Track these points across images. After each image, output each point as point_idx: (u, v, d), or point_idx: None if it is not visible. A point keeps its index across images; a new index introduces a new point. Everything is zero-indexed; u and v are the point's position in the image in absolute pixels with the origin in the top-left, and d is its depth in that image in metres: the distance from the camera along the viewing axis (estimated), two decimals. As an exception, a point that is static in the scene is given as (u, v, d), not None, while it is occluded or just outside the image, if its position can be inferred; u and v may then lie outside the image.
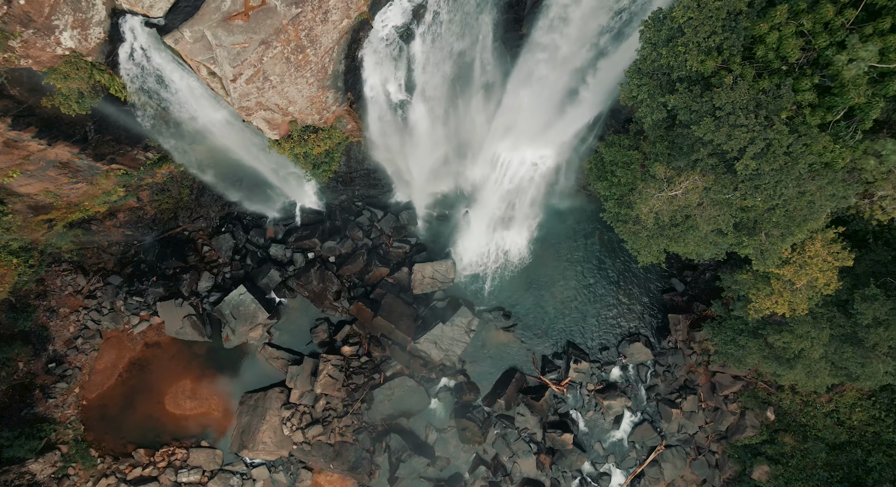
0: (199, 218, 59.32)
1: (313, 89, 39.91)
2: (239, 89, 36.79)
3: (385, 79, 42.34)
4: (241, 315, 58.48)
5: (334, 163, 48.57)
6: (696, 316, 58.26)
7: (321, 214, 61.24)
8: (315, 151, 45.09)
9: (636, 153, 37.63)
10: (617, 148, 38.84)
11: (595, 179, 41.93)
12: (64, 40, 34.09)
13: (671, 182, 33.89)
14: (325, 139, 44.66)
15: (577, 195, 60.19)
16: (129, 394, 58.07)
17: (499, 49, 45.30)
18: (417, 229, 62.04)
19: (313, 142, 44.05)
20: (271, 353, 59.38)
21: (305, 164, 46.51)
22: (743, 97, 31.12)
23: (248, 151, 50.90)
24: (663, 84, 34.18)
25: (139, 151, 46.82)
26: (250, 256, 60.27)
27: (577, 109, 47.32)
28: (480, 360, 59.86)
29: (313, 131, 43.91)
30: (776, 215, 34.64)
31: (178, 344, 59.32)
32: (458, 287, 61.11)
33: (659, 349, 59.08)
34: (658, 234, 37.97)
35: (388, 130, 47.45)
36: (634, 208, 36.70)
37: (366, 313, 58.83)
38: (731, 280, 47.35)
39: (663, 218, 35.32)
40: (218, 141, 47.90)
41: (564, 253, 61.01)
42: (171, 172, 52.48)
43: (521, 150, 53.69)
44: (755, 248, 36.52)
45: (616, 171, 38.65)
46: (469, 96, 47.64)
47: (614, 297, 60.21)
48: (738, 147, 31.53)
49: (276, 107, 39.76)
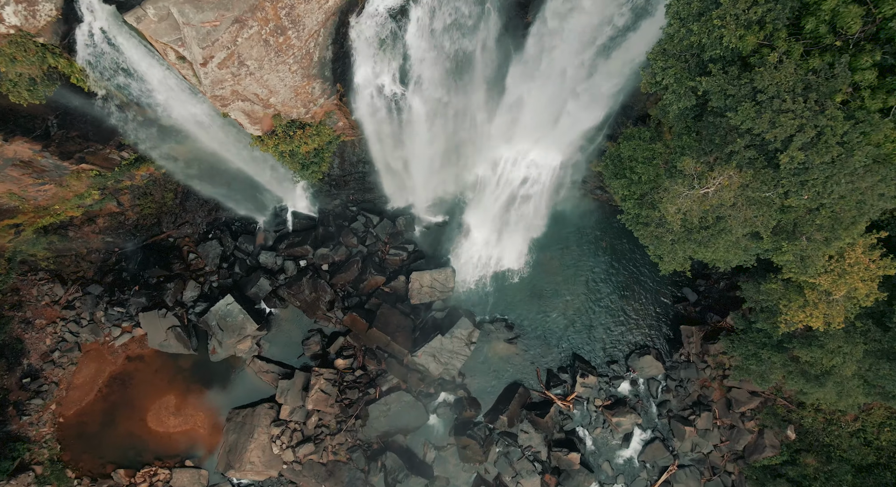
0: (184, 224, 53.47)
1: (297, 78, 34.09)
2: (211, 75, 30.98)
3: (377, 69, 36.57)
4: (228, 327, 52.55)
5: (324, 163, 42.65)
6: (710, 328, 52.28)
7: (314, 219, 55.36)
8: (302, 150, 39.24)
9: (659, 147, 31.81)
10: (637, 142, 33.00)
11: (611, 178, 36.04)
12: (7, 16, 28.19)
13: (702, 178, 28.00)
14: (314, 136, 38.78)
15: (584, 199, 54.33)
16: (109, 411, 52.01)
17: (501, 39, 39.59)
18: (415, 235, 56.13)
19: (300, 139, 38.20)
20: (261, 366, 53.43)
21: (292, 163, 40.66)
22: (789, 78, 25.32)
23: (234, 151, 45.17)
24: (692, 66, 28.35)
25: (112, 150, 40.95)
26: (239, 263, 54.39)
27: (585, 106, 41.61)
28: (482, 374, 53.86)
29: (299, 127, 38.04)
30: (820, 217, 28.79)
31: (162, 357, 53.33)
32: (457, 297, 55.18)
33: (671, 363, 53.08)
34: (685, 238, 31.96)
35: (382, 127, 41.60)
36: (658, 209, 30.93)
37: (360, 324, 52.91)
38: (755, 290, 41.41)
39: (692, 220, 29.38)
40: (200, 140, 42.17)
41: (570, 260, 55.10)
42: (152, 174, 46.65)
43: (525, 151, 47.98)
44: (795, 254, 30.56)
45: (636, 167, 32.79)
46: (469, 92, 41.76)
47: (623, 307, 54.24)
48: (783, 136, 25.69)
49: (256, 97, 33.93)
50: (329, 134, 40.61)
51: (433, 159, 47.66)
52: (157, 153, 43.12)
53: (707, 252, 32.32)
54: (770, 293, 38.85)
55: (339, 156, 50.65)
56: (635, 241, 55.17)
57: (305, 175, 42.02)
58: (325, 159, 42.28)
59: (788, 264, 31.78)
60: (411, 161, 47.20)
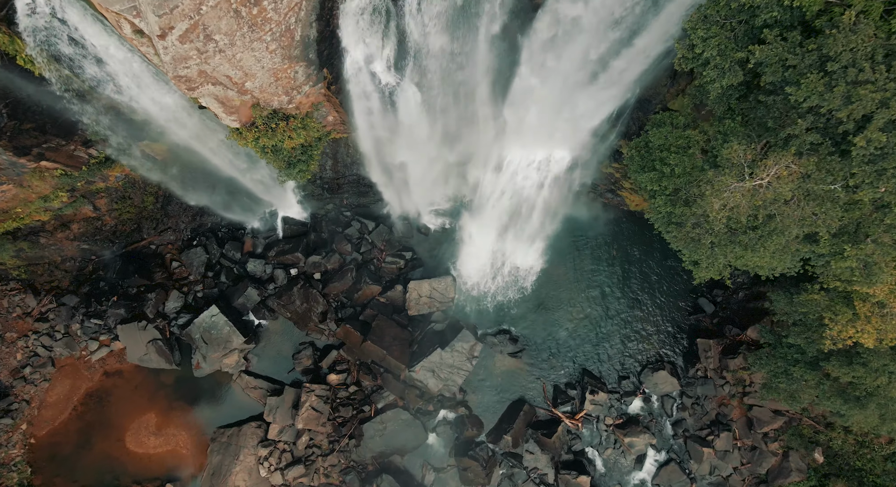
0: (166, 230, 47.32)
1: (277, 60, 28.14)
2: (171, 50, 25.05)
3: (369, 53, 30.68)
4: (213, 340, 46.32)
5: (313, 162, 36.56)
6: (728, 341, 46.03)
7: (306, 225, 49.22)
8: (287, 145, 33.18)
9: (695, 134, 25.79)
10: (668, 128, 26.96)
11: (638, 171, 29.86)
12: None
13: (754, 168, 22.08)
14: (299, 130, 32.74)
15: (594, 203, 48.29)
16: (84, 430, 45.61)
17: (508, 23, 33.79)
18: (413, 242, 49.93)
19: (283, 132, 32.15)
20: (248, 382, 47.15)
21: (276, 160, 34.58)
22: (867, 43, 19.44)
23: (218, 150, 39.36)
24: (740, 35, 22.44)
25: (77, 147, 34.94)
26: (225, 272, 48.20)
27: (598, 100, 35.73)
28: (484, 390, 47.54)
29: (282, 119, 31.98)
30: (891, 216, 22.88)
31: (143, 373, 47.03)
32: (458, 308, 48.99)
33: (686, 379, 46.81)
34: (727, 240, 25.75)
35: (375, 122, 35.67)
36: (695, 206, 24.93)
37: (354, 336, 46.72)
38: (786, 302, 35.34)
39: (739, 218, 23.37)
40: (178, 136, 36.30)
41: (578, 269, 48.90)
42: (128, 175, 40.64)
43: (531, 149, 42.05)
44: (859, 260, 24.49)
45: (668, 158, 26.72)
46: (471, 83, 35.95)
47: (634, 319, 47.99)
48: (860, 114, 19.76)
49: (229, 80, 27.95)
50: (317, 129, 34.59)
51: (432, 160, 41.70)
52: (130, 152, 37.15)
53: (752, 257, 26.08)
54: (807, 305, 32.71)
55: (332, 157, 44.74)
56: (647, 247, 49.47)
57: (292, 174, 35.95)
58: (314, 158, 36.21)
59: (846, 273, 25.62)
60: (408, 161, 41.15)
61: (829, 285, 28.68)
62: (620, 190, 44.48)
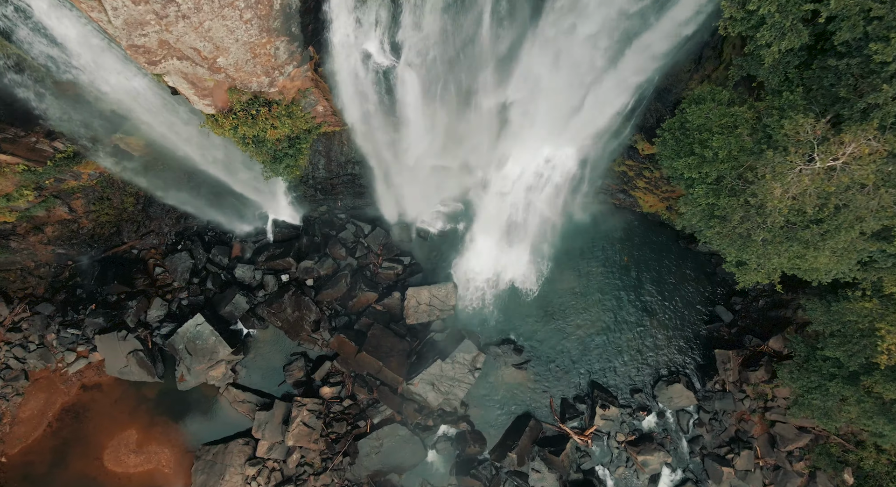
0: (149, 233, 42.21)
1: (253, 32, 23.23)
2: (123, 12, 20.12)
3: (361, 29, 25.82)
4: (197, 350, 41.15)
5: (302, 156, 31.50)
6: (748, 352, 40.90)
7: (297, 228, 44.14)
8: (271, 135, 28.15)
9: (743, 110, 20.71)
10: (710, 105, 21.85)
11: (671, 157, 24.68)
12: None
13: (826, 145, 17.11)
14: (284, 118, 27.71)
15: (603, 205, 43.31)
16: (59, 448, 40.26)
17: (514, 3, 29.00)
18: (412, 246, 44.81)
19: (265, 120, 27.13)
20: (236, 395, 41.90)
21: (259, 153, 29.53)
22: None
23: (202, 145, 34.48)
24: (807, -15, 17.75)
25: (39, 139, 29.93)
26: (212, 278, 43.06)
27: (610, 91, 30.91)
28: (487, 404, 42.26)
29: (264, 104, 27.04)
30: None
31: (123, 386, 41.77)
32: (460, 316, 43.82)
33: (703, 392, 41.58)
34: (784, 236, 20.69)
35: (370, 112, 30.69)
36: (744, 195, 19.93)
37: (348, 347, 41.55)
38: (823, 310, 30.28)
39: (804, 207, 18.33)
40: (154, 129, 31.37)
41: (587, 274, 43.80)
42: (104, 173, 35.68)
43: (537, 147, 37.20)
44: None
45: (709, 140, 21.58)
46: (474, 70, 31.05)
47: (647, 328, 42.82)
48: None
49: (197, 54, 23.03)
50: (306, 119, 29.60)
51: (432, 156, 36.79)
52: (102, 146, 32.18)
53: (813, 257, 20.96)
54: (852, 313, 27.66)
55: (325, 155, 39.79)
56: (661, 252, 44.31)
57: (278, 170, 30.92)
58: (303, 152, 31.16)
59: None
60: (406, 158, 36.21)
61: (887, 290, 23.63)
62: (633, 190, 39.52)
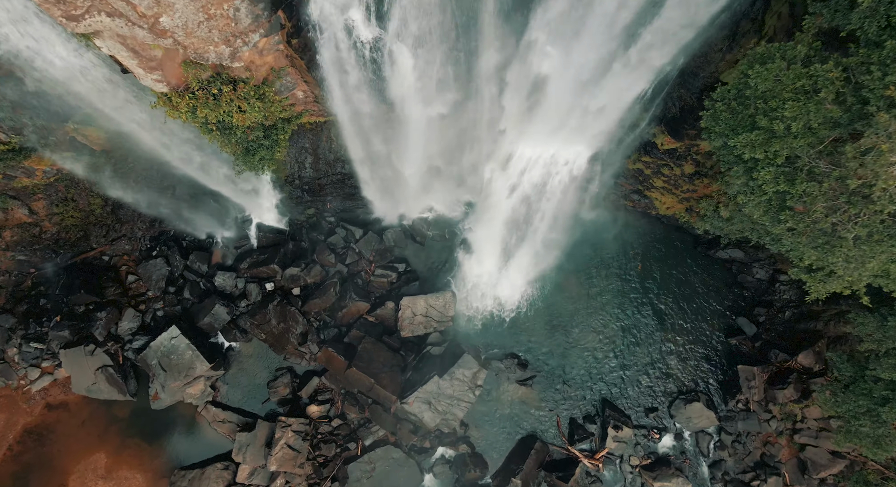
0: (120, 238, 37.67)
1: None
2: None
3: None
4: (172, 366, 36.66)
5: (279, 148, 26.87)
6: (775, 369, 36.43)
7: (283, 233, 39.65)
8: (239, 122, 23.51)
9: (827, 68, 15.90)
10: (779, 63, 16.94)
11: (725, 134, 19.38)
12: None
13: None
14: (254, 101, 23.04)
15: (615, 207, 38.86)
16: (21, 474, 35.65)
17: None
18: (407, 251, 40.26)
19: (230, 102, 22.46)
20: (215, 415, 37.40)
21: (228, 143, 24.90)
22: None
23: (171, 137, 29.97)
24: None
25: (-26, 129, 25.65)
26: (190, 287, 38.56)
27: (628, 75, 26.42)
28: (489, 424, 37.71)
29: (228, 82, 22.47)
30: None
31: (91, 405, 37.26)
32: (459, 328, 39.32)
33: (725, 412, 37.04)
34: (888, 234, 16.10)
35: (355, 95, 26.14)
36: (828, 180, 15.36)
37: (337, 362, 37.05)
38: (876, 325, 25.85)
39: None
40: (114, 119, 26.91)
41: (597, 282, 39.26)
42: (61, 170, 31.18)
43: (545, 142, 32.71)
44: None
45: (780, 109, 16.74)
46: (474, 51, 26.60)
47: (663, 341, 38.32)
48: None
49: (132, 9, 18.05)
50: (283, 106, 25.06)
51: (428, 152, 32.32)
52: (55, 138, 27.66)
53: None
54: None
55: (312, 153, 35.33)
56: (677, 258, 39.81)
57: (252, 163, 26.35)
58: (280, 143, 26.60)
59: None
60: (400, 153, 31.70)
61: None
62: (649, 190, 35.05)
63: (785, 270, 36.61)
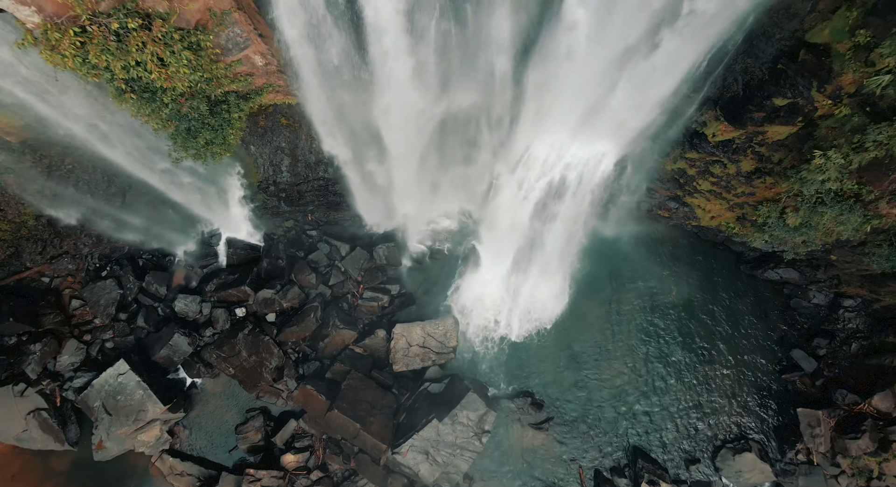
0: (61, 256, 30.59)
1: None
2: None
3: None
4: (119, 409, 29.35)
5: (232, 131, 19.87)
6: (843, 413, 29.10)
7: (257, 249, 32.58)
8: (162, 81, 16.39)
9: None
10: None
11: None
12: None
13: None
14: (182, 51, 15.64)
15: (646, 218, 31.94)
16: (-68, 540, 28.55)
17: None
18: (401, 271, 33.16)
19: (140, 44, 15.07)
20: (173, 466, 29.88)
21: (152, 115, 17.47)
22: None
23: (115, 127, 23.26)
24: None
25: None
26: (145, 313, 31.36)
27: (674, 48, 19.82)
28: (499, 476, 30.08)
29: (140, 17, 15.37)
30: None
31: (24, 457, 29.78)
32: (462, 361, 32.03)
33: (783, 466, 29.45)
34: None
35: (329, 65, 19.41)
36: None
37: (317, 402, 29.73)
38: None
39: None
40: (31, 103, 20.32)
41: (624, 308, 32.05)
42: (-22, 172, 24.44)
43: (563, 140, 26.08)
44: None
45: None
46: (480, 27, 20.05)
47: (705, 378, 30.99)
48: None
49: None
50: (231, 71, 18.26)
51: (424, 151, 25.54)
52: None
53: None
54: None
55: (289, 153, 28.57)
56: (720, 279, 32.74)
57: (195, 149, 19.40)
58: (234, 124, 19.73)
59: None
60: (389, 150, 24.92)
61: None
62: (691, 196, 28.09)
63: (850, 293, 29.53)
